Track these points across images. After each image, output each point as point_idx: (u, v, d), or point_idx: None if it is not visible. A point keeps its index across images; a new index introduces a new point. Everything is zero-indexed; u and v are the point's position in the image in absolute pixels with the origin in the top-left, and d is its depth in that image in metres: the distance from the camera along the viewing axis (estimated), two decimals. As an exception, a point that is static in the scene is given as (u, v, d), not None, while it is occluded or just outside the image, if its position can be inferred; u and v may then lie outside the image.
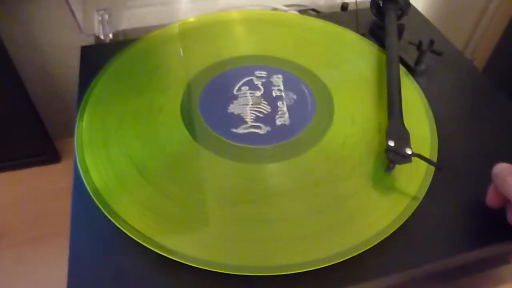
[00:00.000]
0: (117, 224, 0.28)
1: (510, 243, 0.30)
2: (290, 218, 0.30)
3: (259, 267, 0.27)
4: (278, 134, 0.35)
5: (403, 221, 0.29)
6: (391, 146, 0.32)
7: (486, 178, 0.33)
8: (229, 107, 0.37)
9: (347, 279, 0.28)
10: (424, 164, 0.32)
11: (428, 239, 0.30)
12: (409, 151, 0.31)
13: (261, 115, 0.37)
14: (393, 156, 0.31)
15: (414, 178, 0.32)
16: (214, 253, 0.27)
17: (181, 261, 0.27)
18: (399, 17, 0.45)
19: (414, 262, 0.29)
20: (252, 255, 0.27)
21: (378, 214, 0.30)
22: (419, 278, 0.29)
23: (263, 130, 0.35)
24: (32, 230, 0.51)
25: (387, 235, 0.28)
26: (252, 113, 0.37)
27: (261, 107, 0.37)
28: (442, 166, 0.31)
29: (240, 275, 0.26)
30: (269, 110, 0.37)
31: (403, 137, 0.32)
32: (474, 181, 0.33)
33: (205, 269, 0.26)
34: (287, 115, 0.37)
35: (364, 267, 0.28)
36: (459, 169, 0.34)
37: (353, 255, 0.27)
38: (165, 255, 0.27)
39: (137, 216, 0.29)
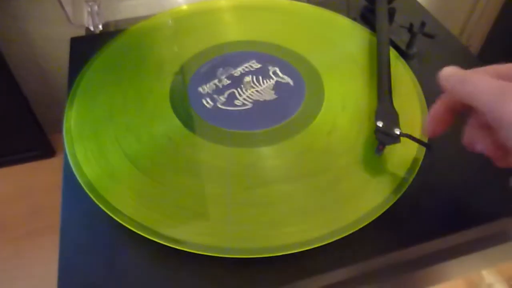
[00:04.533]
0: (112, 215, 0.28)
1: (500, 223, 0.30)
2: (284, 201, 0.30)
3: (256, 249, 0.27)
4: (270, 118, 0.35)
5: (392, 202, 0.29)
6: (380, 127, 0.31)
7: (476, 160, 0.33)
8: (218, 93, 0.37)
9: (342, 259, 0.28)
10: (414, 146, 0.32)
11: (417, 220, 0.30)
12: (397, 131, 0.31)
13: (249, 100, 0.36)
14: (382, 137, 0.31)
15: (405, 159, 0.32)
16: (211, 238, 0.27)
17: (179, 247, 0.26)
18: (390, 1, 0.44)
19: (404, 243, 0.29)
20: (249, 238, 0.27)
21: (369, 195, 0.30)
22: (410, 259, 0.29)
23: (251, 114, 0.35)
24: (27, 225, 0.51)
25: (378, 215, 0.28)
26: (241, 98, 0.36)
27: (249, 92, 0.37)
28: (432, 146, 0.31)
29: (238, 257, 0.26)
30: (257, 95, 0.37)
31: (392, 118, 0.32)
32: (465, 163, 0.33)
33: (202, 254, 0.26)
34: (271, 100, 0.36)
35: (355, 247, 0.28)
36: (449, 151, 0.34)
37: (345, 234, 0.27)
38: (162, 243, 0.27)
39: (132, 206, 0.29)
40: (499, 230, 0.31)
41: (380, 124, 0.32)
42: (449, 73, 0.25)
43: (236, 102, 0.36)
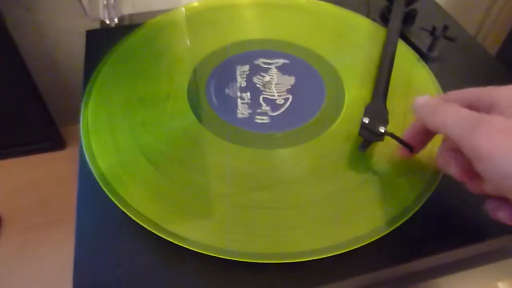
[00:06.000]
0: (124, 210, 0.28)
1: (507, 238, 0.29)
2: (299, 205, 0.29)
3: (266, 254, 0.26)
4: (289, 120, 0.34)
5: (412, 212, 0.28)
6: (365, 123, 0.31)
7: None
8: (236, 92, 0.36)
9: (354, 269, 0.27)
10: (435, 153, 0.31)
11: (437, 231, 0.29)
12: (382, 130, 0.30)
13: (268, 101, 0.36)
14: (365, 133, 0.31)
15: (425, 166, 0.31)
16: (221, 239, 0.27)
17: (188, 247, 0.26)
18: (410, 2, 0.43)
19: (421, 253, 0.28)
20: (260, 242, 0.27)
21: (388, 203, 0.29)
22: (425, 269, 0.28)
23: (270, 115, 0.35)
24: (37, 217, 0.50)
25: (397, 225, 0.27)
26: (259, 98, 0.36)
27: (269, 92, 0.36)
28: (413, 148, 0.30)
29: (248, 262, 0.26)
30: (276, 96, 0.36)
31: (380, 116, 0.32)
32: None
33: (212, 256, 0.26)
34: (290, 102, 0.36)
35: (370, 257, 0.28)
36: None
37: (359, 245, 0.27)
38: (173, 241, 0.26)
39: (144, 202, 0.28)
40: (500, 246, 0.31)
41: (366, 120, 0.31)
42: (422, 103, 0.25)
43: (253, 102, 0.36)
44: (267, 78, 0.38)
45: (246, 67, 0.39)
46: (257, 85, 0.37)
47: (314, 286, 0.27)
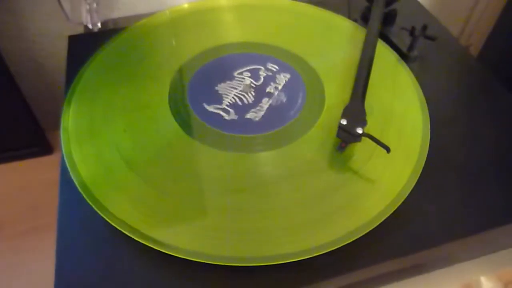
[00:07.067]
0: (104, 217, 0.28)
1: (499, 231, 0.30)
2: (280, 208, 0.29)
3: (251, 258, 0.26)
4: (268, 123, 0.34)
5: (393, 210, 0.28)
6: (343, 125, 0.31)
7: (478, 163, 0.33)
8: (218, 96, 0.36)
9: (340, 268, 0.28)
10: (416, 150, 0.32)
11: (419, 229, 0.30)
12: (359, 131, 0.31)
13: (247, 104, 0.36)
14: (343, 135, 0.31)
15: (406, 165, 0.31)
16: (204, 244, 0.27)
17: (169, 252, 0.26)
18: (390, 3, 0.44)
19: (405, 250, 0.28)
20: (244, 246, 0.27)
21: (369, 202, 0.29)
22: (409, 267, 0.29)
23: (248, 118, 0.35)
24: (25, 222, 0.50)
25: (378, 223, 0.28)
26: (238, 101, 0.36)
27: (249, 95, 0.37)
28: (390, 148, 0.30)
29: (231, 265, 0.26)
30: (255, 99, 0.36)
31: (358, 117, 0.32)
32: (467, 168, 0.33)
33: (195, 261, 0.26)
34: (269, 105, 0.36)
35: (356, 255, 0.28)
36: (451, 156, 0.34)
37: (345, 243, 0.27)
38: (153, 247, 0.27)
39: (124, 208, 0.29)
40: (496, 237, 0.31)
41: (344, 122, 0.32)
42: None
43: (235, 106, 0.36)
44: (247, 81, 0.38)
45: (228, 71, 0.39)
46: (238, 88, 0.37)
47: (301, 286, 0.27)
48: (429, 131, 0.34)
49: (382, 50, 0.40)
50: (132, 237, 0.27)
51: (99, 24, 0.47)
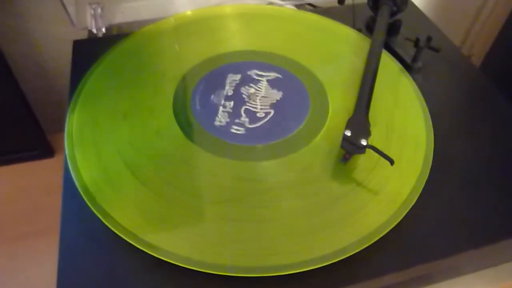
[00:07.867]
0: (105, 222, 0.28)
1: (504, 244, 0.30)
2: (280, 218, 0.29)
3: (252, 268, 0.26)
4: (274, 132, 0.34)
5: (398, 220, 0.28)
6: (347, 136, 0.31)
7: (482, 176, 0.33)
8: (221, 103, 0.36)
9: (342, 280, 0.27)
10: (419, 162, 0.32)
11: (423, 239, 0.29)
12: (364, 142, 0.31)
13: (250, 112, 0.36)
14: (347, 146, 0.31)
15: (410, 176, 0.31)
16: (205, 253, 0.27)
17: (170, 260, 0.26)
18: (394, 13, 0.44)
19: (408, 263, 0.28)
20: (245, 256, 0.27)
21: (372, 214, 0.29)
22: (414, 278, 0.29)
23: (250, 126, 0.35)
24: (25, 226, 0.50)
25: (382, 234, 0.28)
26: (243, 110, 0.36)
27: (253, 104, 0.37)
28: (394, 161, 0.30)
29: (229, 275, 0.26)
30: (260, 108, 0.37)
31: (362, 129, 0.32)
32: (470, 179, 0.33)
33: (193, 269, 0.26)
34: (272, 115, 0.36)
35: (358, 267, 0.28)
36: (455, 167, 0.34)
37: (347, 255, 0.27)
38: (154, 254, 0.26)
39: (126, 214, 0.28)
40: (502, 249, 0.31)
41: (348, 133, 0.32)
42: None
43: (236, 113, 0.36)
44: (251, 90, 0.38)
45: (232, 79, 0.39)
46: (242, 97, 0.37)
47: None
48: (432, 143, 0.34)
49: (386, 61, 0.41)
50: (132, 242, 0.27)
51: (103, 29, 0.47)
